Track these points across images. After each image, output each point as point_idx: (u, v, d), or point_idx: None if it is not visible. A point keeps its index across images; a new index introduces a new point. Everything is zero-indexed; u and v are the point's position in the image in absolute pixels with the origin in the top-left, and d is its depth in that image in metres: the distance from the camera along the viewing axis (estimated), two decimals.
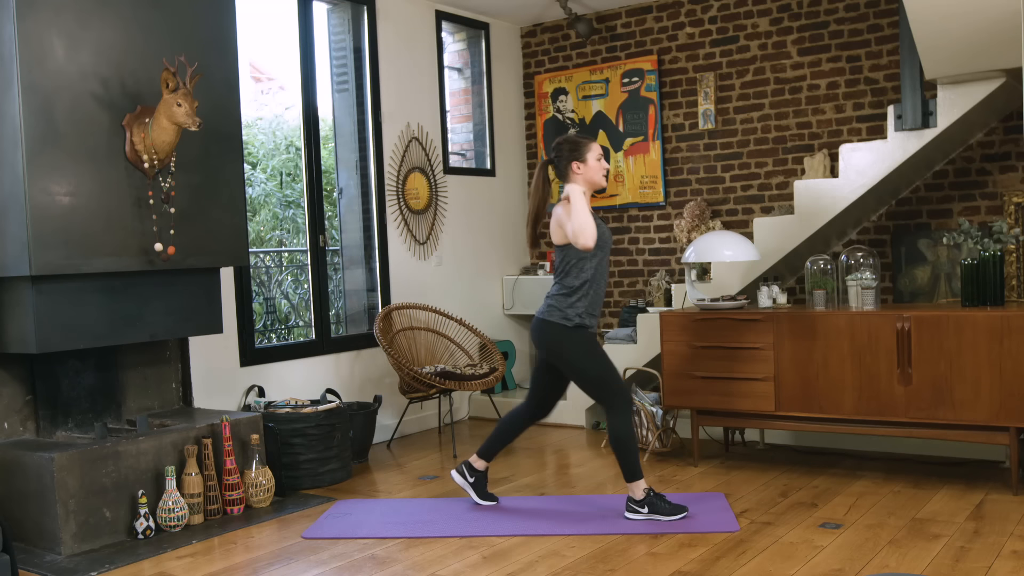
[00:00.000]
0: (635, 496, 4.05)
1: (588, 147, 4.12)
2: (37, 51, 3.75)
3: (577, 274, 4.06)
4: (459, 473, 4.41)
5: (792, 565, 3.46)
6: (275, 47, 6.10)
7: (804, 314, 4.74)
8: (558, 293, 4.11)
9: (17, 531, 3.91)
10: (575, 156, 4.11)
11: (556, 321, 4.07)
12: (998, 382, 4.27)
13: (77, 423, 4.33)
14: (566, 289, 4.08)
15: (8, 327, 3.95)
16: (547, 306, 4.13)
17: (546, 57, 7.02)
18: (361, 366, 5.90)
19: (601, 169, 4.13)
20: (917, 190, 5.53)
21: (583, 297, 4.07)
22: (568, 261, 4.08)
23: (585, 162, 4.11)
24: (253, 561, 3.75)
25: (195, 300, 4.40)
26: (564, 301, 4.07)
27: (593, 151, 4.12)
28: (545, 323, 4.11)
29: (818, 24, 5.86)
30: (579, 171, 4.10)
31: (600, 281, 4.12)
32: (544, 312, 4.13)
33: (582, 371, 4.12)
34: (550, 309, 4.10)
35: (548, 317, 4.10)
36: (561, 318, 4.07)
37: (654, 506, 4.03)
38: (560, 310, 4.07)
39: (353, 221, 6.04)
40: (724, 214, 6.25)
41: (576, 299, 4.06)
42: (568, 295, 4.07)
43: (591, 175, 4.12)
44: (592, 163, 4.11)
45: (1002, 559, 3.44)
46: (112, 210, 3.99)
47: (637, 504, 4.04)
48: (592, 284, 4.08)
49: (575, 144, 4.13)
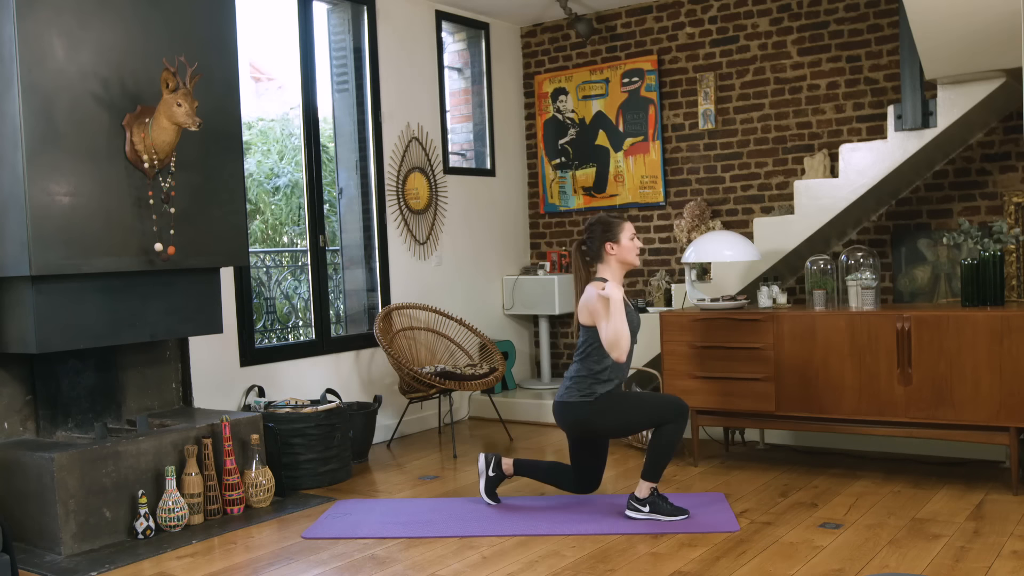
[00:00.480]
0: (639, 494, 4.05)
1: (621, 228, 4.10)
2: (37, 51, 3.75)
3: (599, 359, 4.04)
4: (486, 461, 4.37)
5: (792, 565, 3.46)
6: (275, 47, 6.10)
7: (804, 314, 4.74)
8: (578, 375, 4.09)
9: (17, 531, 3.91)
10: (608, 237, 4.10)
11: (576, 401, 4.06)
12: (998, 382, 4.27)
13: (77, 423, 4.33)
14: (587, 371, 4.07)
15: (8, 327, 3.95)
16: (566, 388, 4.11)
17: (546, 57, 7.02)
18: (361, 366, 5.90)
19: (635, 249, 4.12)
20: (917, 190, 5.53)
21: (606, 382, 4.06)
22: (591, 343, 4.06)
23: (619, 243, 4.09)
24: (253, 561, 3.75)
25: (195, 300, 4.40)
26: (583, 382, 4.06)
27: (626, 231, 4.10)
28: (566, 405, 4.09)
29: (818, 24, 5.86)
30: (613, 252, 4.09)
31: (623, 367, 4.10)
32: (563, 395, 4.11)
33: (629, 425, 4.12)
34: (568, 391, 4.09)
35: (567, 399, 4.08)
36: (580, 396, 4.05)
37: (655, 506, 4.03)
38: (578, 390, 4.06)
39: (353, 221, 6.04)
40: (724, 214, 6.25)
41: (598, 383, 4.05)
42: (588, 376, 4.06)
43: (625, 255, 4.10)
44: (625, 243, 4.10)
45: (1002, 559, 3.44)
46: (112, 210, 3.99)
47: (639, 502, 4.05)
48: (615, 370, 4.07)
49: (608, 225, 4.12)
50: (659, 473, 4.02)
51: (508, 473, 4.36)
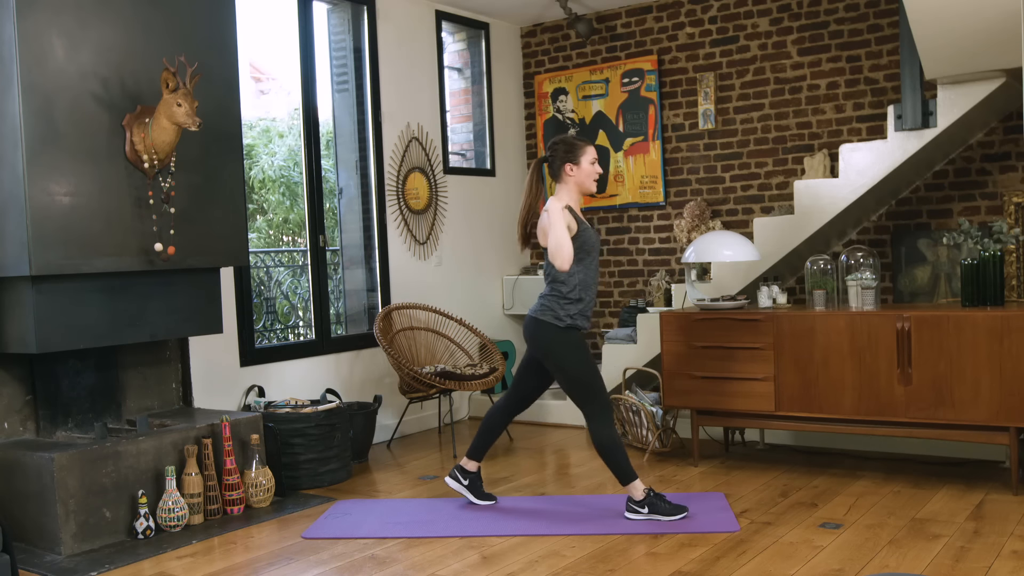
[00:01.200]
0: (635, 496, 4.04)
1: (583, 149, 4.10)
2: (37, 51, 3.75)
3: (565, 279, 4.06)
4: (452, 478, 4.41)
5: (792, 565, 3.46)
6: (275, 47, 6.10)
7: (804, 314, 4.74)
8: (550, 294, 4.10)
9: (17, 531, 3.91)
10: (569, 157, 4.10)
11: (548, 320, 4.06)
12: (998, 382, 4.27)
13: (77, 423, 4.33)
14: (556, 292, 4.08)
15: (8, 327, 3.95)
16: (540, 305, 4.12)
17: (546, 57, 7.02)
18: (361, 366, 5.90)
19: (593, 173, 4.11)
20: (917, 190, 5.53)
21: (575, 301, 4.06)
22: None
23: (578, 164, 4.09)
24: (253, 561, 3.75)
25: (195, 300, 4.40)
26: (556, 302, 4.07)
27: (588, 154, 4.10)
28: (537, 322, 4.10)
29: (818, 24, 5.86)
30: (571, 173, 4.09)
31: (590, 284, 4.11)
32: (536, 310, 4.12)
33: (568, 373, 4.10)
34: (542, 308, 4.09)
35: (540, 316, 4.09)
36: (553, 318, 4.06)
37: (654, 506, 4.02)
38: (552, 310, 4.06)
39: (353, 221, 6.04)
40: (724, 214, 6.25)
41: (567, 302, 4.06)
42: (559, 297, 4.07)
43: (582, 178, 4.10)
44: (585, 166, 4.09)
45: (1002, 559, 3.44)
46: (112, 210, 3.99)
47: (637, 504, 4.04)
48: (582, 288, 4.07)
49: (570, 145, 4.12)
50: (628, 471, 4.04)
51: (475, 468, 4.39)
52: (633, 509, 4.05)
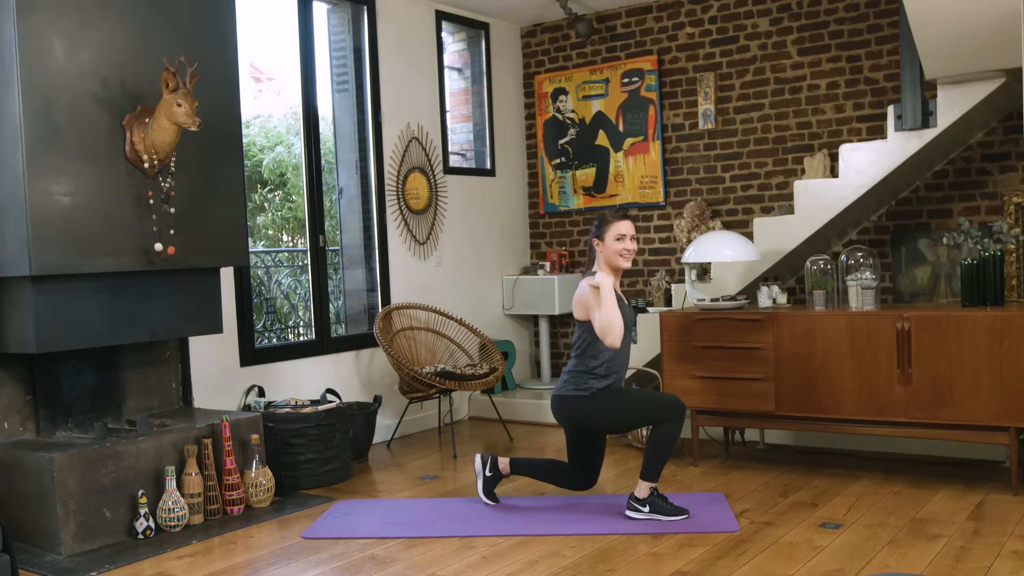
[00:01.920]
0: (639, 494, 4.04)
1: (609, 226, 4.05)
2: (37, 51, 3.75)
3: (595, 354, 4.04)
4: (482, 461, 4.36)
5: (792, 565, 3.46)
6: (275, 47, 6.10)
7: (804, 314, 4.74)
8: (575, 369, 4.09)
9: (17, 531, 3.91)
10: (596, 232, 4.08)
11: (571, 395, 4.06)
12: (998, 382, 4.27)
13: (77, 423, 4.32)
14: (583, 367, 4.07)
15: (8, 327, 3.95)
16: (563, 382, 4.11)
17: (546, 57, 7.02)
18: (361, 366, 5.90)
19: (618, 250, 4.03)
20: (917, 190, 5.53)
21: (602, 377, 4.06)
22: (586, 338, 4.06)
23: (603, 241, 4.06)
24: (253, 561, 3.75)
25: (195, 300, 4.40)
26: (581, 378, 4.06)
27: (612, 231, 4.03)
28: (563, 399, 4.09)
29: (818, 24, 5.86)
30: (599, 248, 4.08)
31: (621, 362, 4.10)
32: (560, 389, 4.11)
33: (626, 421, 4.12)
34: (566, 385, 4.09)
35: (564, 392, 4.08)
36: (575, 390, 4.05)
37: (655, 506, 4.03)
38: (575, 385, 4.06)
39: (353, 221, 6.04)
40: (724, 214, 6.25)
41: (594, 378, 4.05)
42: (585, 372, 4.06)
43: (608, 255, 4.06)
44: (608, 243, 4.04)
45: (1002, 559, 3.44)
46: (112, 210, 3.99)
47: (639, 503, 4.04)
48: (611, 365, 4.07)
49: (601, 221, 4.10)
50: (657, 473, 4.02)
51: (505, 472, 4.35)
52: (635, 507, 4.05)
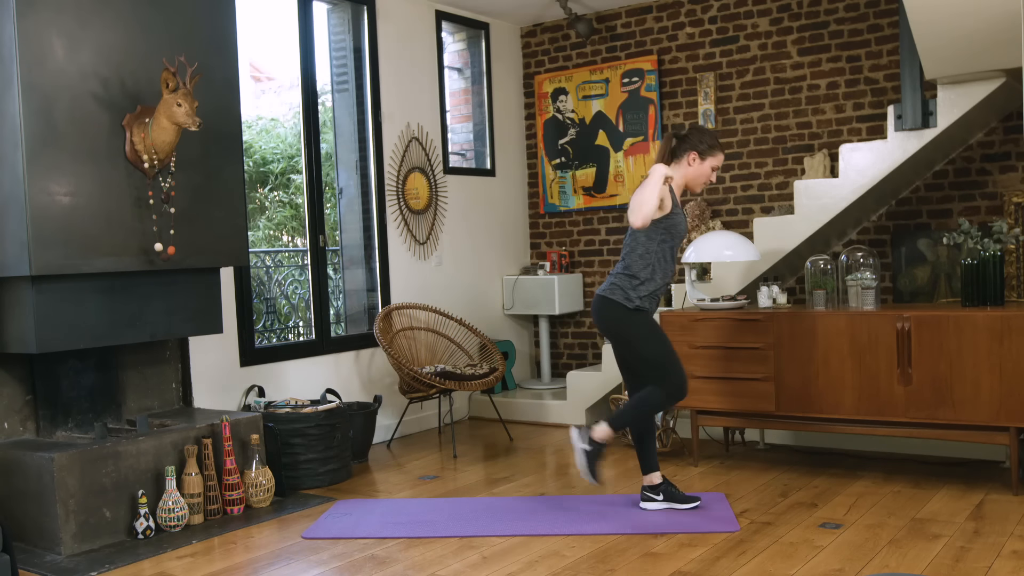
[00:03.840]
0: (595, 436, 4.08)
1: (716, 152, 4.09)
2: (37, 51, 3.75)
3: (642, 254, 4.01)
4: (647, 500, 4.19)
5: (792, 565, 3.46)
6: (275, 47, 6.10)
7: (804, 314, 4.74)
8: (622, 272, 4.05)
9: (17, 531, 3.91)
10: (700, 148, 4.07)
11: (618, 300, 4.01)
12: (998, 382, 4.27)
13: (77, 423, 4.33)
14: (629, 271, 4.03)
15: (8, 327, 3.95)
16: (609, 284, 4.06)
17: (546, 57, 7.02)
18: (361, 366, 5.90)
19: (707, 176, 4.10)
20: (917, 190, 5.53)
21: (647, 281, 4.01)
22: (635, 238, 4.03)
23: (703, 160, 4.08)
24: (253, 561, 3.75)
25: (195, 300, 4.40)
26: (627, 282, 4.01)
27: (715, 158, 4.09)
28: (606, 301, 4.04)
29: (818, 24, 5.86)
30: (691, 164, 4.07)
31: (666, 268, 4.05)
32: (606, 290, 4.06)
33: (642, 351, 4.05)
34: (612, 288, 4.04)
35: (610, 295, 4.03)
36: (623, 298, 4.00)
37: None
38: (623, 290, 4.01)
39: (353, 221, 6.04)
40: (724, 214, 6.25)
41: (639, 282, 4.01)
42: (631, 276, 4.02)
43: (695, 174, 4.09)
44: (706, 165, 4.08)
45: (1002, 559, 3.44)
46: (112, 210, 3.99)
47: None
48: (657, 269, 4.02)
49: (710, 141, 4.09)
50: (622, 424, 4.07)
51: (658, 479, 4.16)
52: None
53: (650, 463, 4.20)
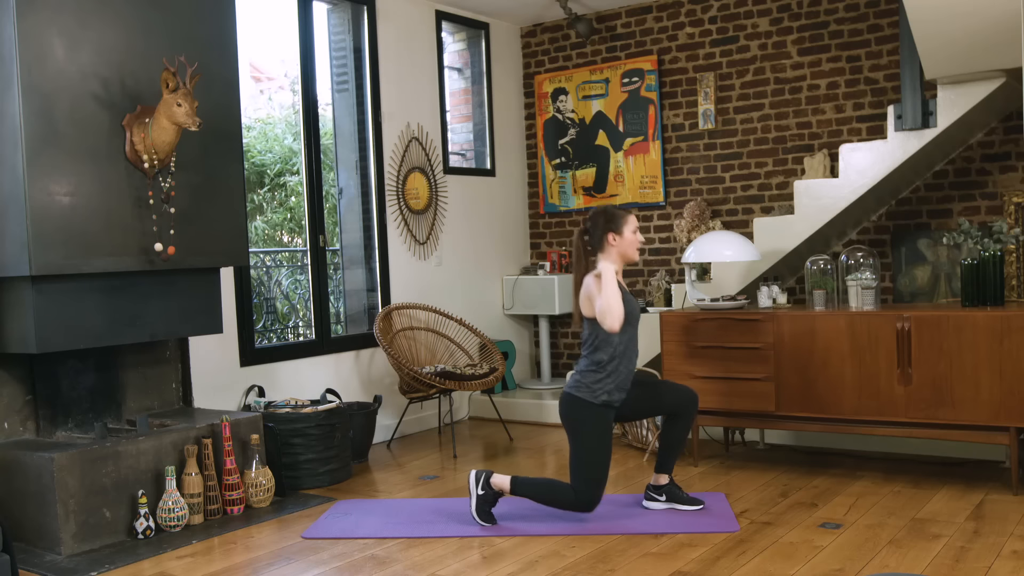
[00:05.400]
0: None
1: (625, 220, 4.10)
2: (37, 51, 3.75)
3: (606, 348, 4.03)
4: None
5: (792, 565, 3.46)
6: (275, 47, 6.10)
7: (804, 314, 4.74)
8: (587, 369, 4.07)
9: (17, 531, 3.91)
10: (611, 228, 4.08)
11: (583, 397, 4.04)
12: (998, 382, 4.27)
13: (77, 423, 4.33)
14: (594, 365, 4.05)
15: (8, 327, 3.95)
16: (575, 381, 4.09)
17: (546, 57, 7.02)
18: (361, 366, 5.90)
19: (636, 242, 4.12)
20: (917, 190, 5.53)
21: (612, 374, 4.04)
22: (596, 335, 4.05)
23: (621, 235, 4.08)
24: (253, 561, 3.75)
25: (195, 300, 4.40)
26: (592, 377, 4.04)
27: (629, 224, 4.10)
28: (572, 398, 4.07)
29: (818, 24, 5.86)
30: (614, 243, 4.08)
31: (630, 355, 4.09)
32: (572, 387, 4.09)
33: (581, 447, 4.05)
34: (578, 385, 4.07)
35: (576, 393, 4.06)
36: (589, 395, 4.03)
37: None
38: (588, 386, 4.04)
39: (353, 221, 6.04)
40: (724, 214, 6.25)
41: (605, 375, 4.03)
42: (596, 371, 4.04)
43: (625, 248, 4.09)
44: (628, 236, 4.09)
45: (1002, 559, 3.44)
46: (112, 210, 3.99)
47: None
48: (622, 360, 4.05)
49: (612, 216, 4.11)
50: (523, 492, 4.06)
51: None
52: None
53: (666, 465, 4.22)
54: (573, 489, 4.02)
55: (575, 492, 4.01)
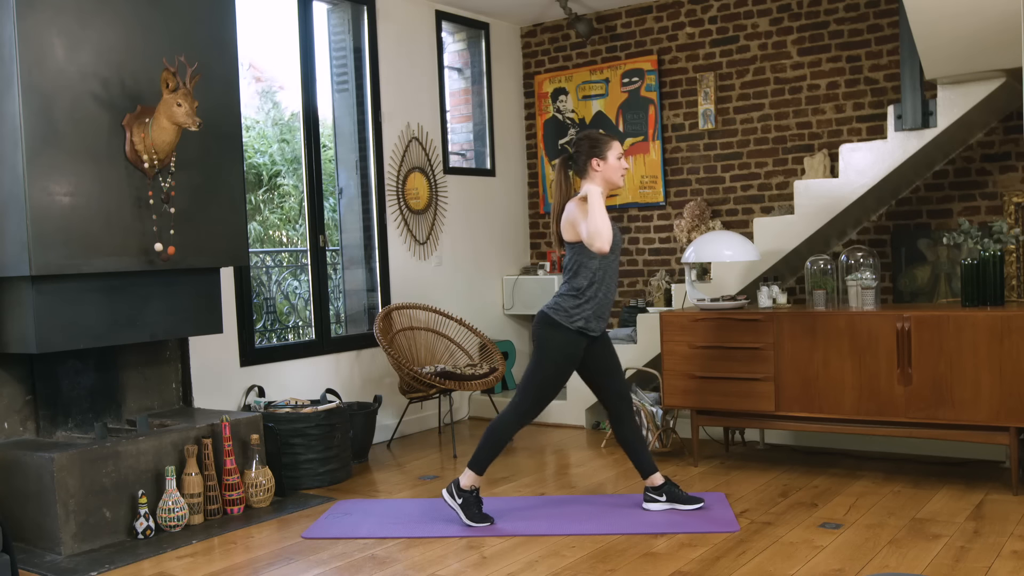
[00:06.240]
0: (463, 483, 4.09)
1: (609, 145, 4.07)
2: (37, 51, 3.75)
3: (585, 274, 4.01)
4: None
5: (792, 565, 3.46)
6: (275, 47, 6.10)
7: (804, 314, 4.74)
8: (567, 293, 4.05)
9: (17, 531, 3.91)
10: (595, 153, 4.05)
11: (559, 320, 4.02)
12: (998, 382, 4.27)
13: (77, 423, 4.33)
14: (574, 290, 4.03)
15: (8, 327, 3.95)
16: (554, 302, 4.07)
17: (546, 57, 7.02)
18: (361, 366, 5.90)
19: (620, 168, 4.08)
20: (917, 190, 5.53)
21: (591, 299, 4.02)
22: (578, 260, 4.03)
23: (605, 160, 4.05)
24: (253, 561, 3.75)
25: (195, 300, 4.40)
26: (571, 301, 4.03)
27: (614, 149, 4.06)
28: (548, 318, 4.05)
29: (818, 24, 5.86)
30: (598, 168, 4.05)
31: (609, 282, 4.07)
32: (550, 307, 4.06)
33: (538, 365, 4.05)
34: (556, 307, 4.05)
35: (553, 314, 4.04)
36: (565, 318, 4.02)
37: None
38: (565, 310, 4.02)
39: (353, 221, 6.04)
40: (724, 214, 6.25)
41: (583, 301, 4.01)
42: (575, 296, 4.02)
43: (610, 174, 4.06)
44: (612, 161, 4.05)
45: (1002, 559, 3.44)
46: (112, 210, 3.99)
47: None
48: (601, 285, 4.04)
49: (596, 141, 4.08)
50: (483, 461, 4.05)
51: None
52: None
53: (647, 466, 4.20)
54: (516, 404, 4.04)
55: (517, 407, 4.03)
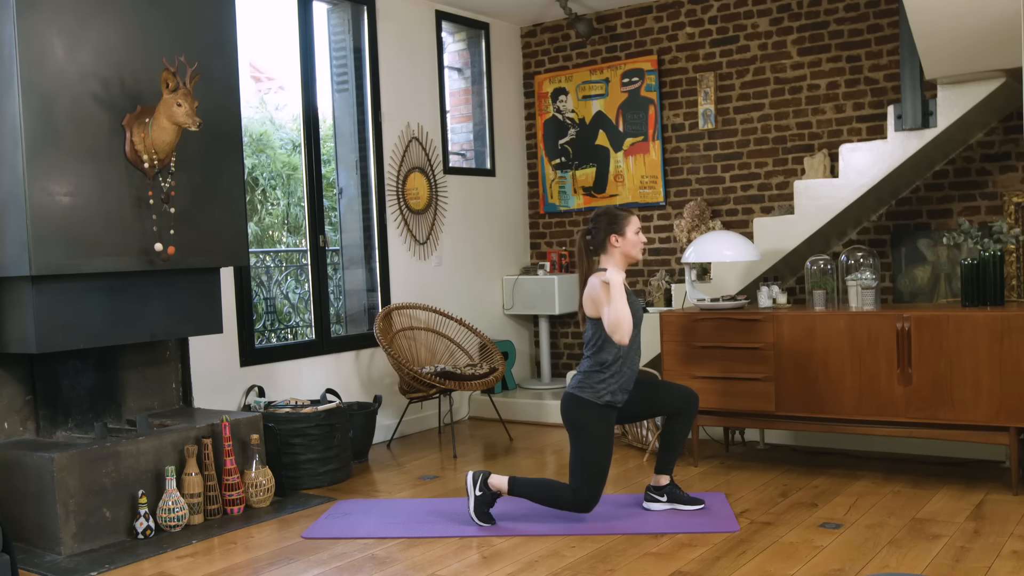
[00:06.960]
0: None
1: (627, 220, 4.10)
2: (37, 51, 3.75)
3: (610, 349, 4.02)
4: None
5: (792, 565, 3.46)
6: (275, 47, 6.10)
7: (804, 314, 4.74)
8: (590, 369, 4.06)
9: (17, 531, 3.91)
10: (613, 229, 4.08)
11: (587, 398, 4.03)
12: (998, 382, 4.27)
13: (77, 423, 4.33)
14: (598, 364, 4.04)
15: (8, 327, 3.95)
16: (578, 381, 4.08)
17: (546, 57, 7.02)
18: (361, 366, 5.90)
19: (639, 243, 4.11)
20: (917, 190, 5.53)
21: (616, 374, 4.03)
22: (600, 335, 4.03)
23: (624, 235, 4.08)
24: (253, 561, 3.75)
25: (195, 300, 4.40)
26: (597, 377, 4.03)
27: (632, 225, 4.09)
28: (575, 398, 4.06)
29: (818, 24, 5.86)
30: (617, 244, 4.08)
31: (634, 356, 4.08)
32: (575, 387, 4.08)
33: (582, 447, 4.04)
34: (581, 385, 4.06)
35: (579, 393, 4.05)
36: (592, 395, 4.02)
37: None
38: (592, 386, 4.03)
39: (353, 221, 6.04)
40: (724, 214, 6.25)
41: (609, 375, 4.02)
42: (600, 371, 4.03)
43: (628, 248, 4.09)
44: (630, 236, 4.08)
45: (1002, 559, 3.44)
46: (112, 210, 3.99)
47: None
48: (626, 360, 4.05)
49: (614, 217, 4.11)
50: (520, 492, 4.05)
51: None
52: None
53: (666, 466, 4.22)
54: (572, 489, 4.02)
55: (574, 492, 4.01)
